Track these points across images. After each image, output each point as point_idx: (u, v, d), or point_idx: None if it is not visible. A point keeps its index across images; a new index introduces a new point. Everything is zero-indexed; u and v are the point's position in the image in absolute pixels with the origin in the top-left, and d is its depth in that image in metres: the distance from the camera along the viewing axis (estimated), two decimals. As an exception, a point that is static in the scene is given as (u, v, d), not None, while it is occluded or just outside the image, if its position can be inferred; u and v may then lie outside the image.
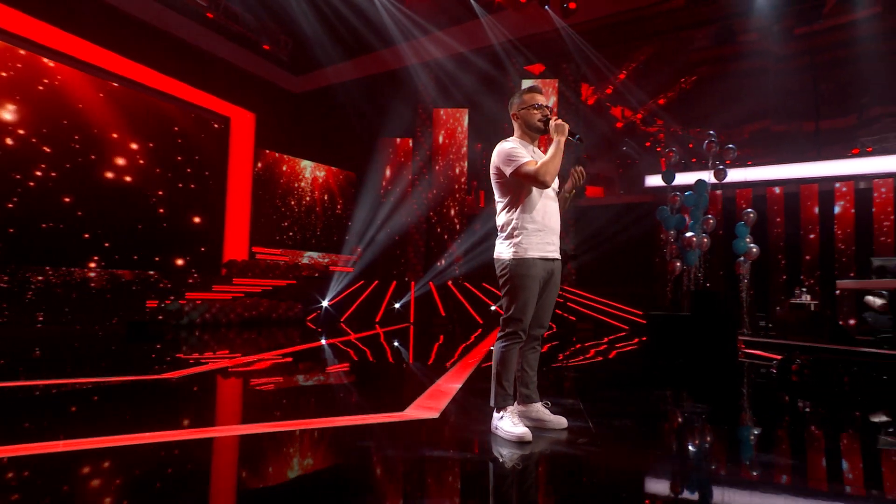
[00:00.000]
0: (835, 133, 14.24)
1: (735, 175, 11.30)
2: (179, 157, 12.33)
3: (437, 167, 14.62)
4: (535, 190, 2.77)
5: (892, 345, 6.89)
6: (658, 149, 18.54)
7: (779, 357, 6.86)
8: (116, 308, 10.12)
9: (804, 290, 9.38)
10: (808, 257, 11.37)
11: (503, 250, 2.77)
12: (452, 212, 14.50)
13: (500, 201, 2.84)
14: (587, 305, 12.52)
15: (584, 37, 13.60)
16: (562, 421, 2.94)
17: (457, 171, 14.57)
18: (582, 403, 3.72)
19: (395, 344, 8.20)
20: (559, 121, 2.78)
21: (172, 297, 10.55)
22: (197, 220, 12.69)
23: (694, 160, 15.25)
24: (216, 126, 13.26)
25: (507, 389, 2.75)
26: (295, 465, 2.48)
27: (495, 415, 2.79)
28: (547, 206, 2.81)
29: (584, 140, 2.84)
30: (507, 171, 2.72)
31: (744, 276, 9.54)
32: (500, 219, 2.83)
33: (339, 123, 15.39)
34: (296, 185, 14.93)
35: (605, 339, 9.57)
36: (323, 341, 8.31)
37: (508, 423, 2.69)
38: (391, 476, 2.34)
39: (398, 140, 15.09)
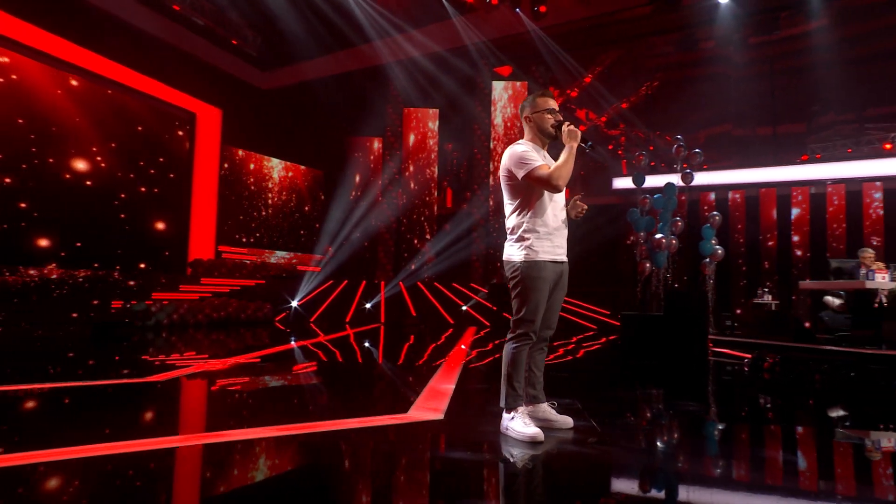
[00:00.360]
0: (791, 138, 14.86)
1: (699, 179, 11.64)
2: (143, 154, 11.97)
3: (407, 167, 14.60)
4: (545, 193, 2.81)
5: (850, 342, 7.24)
6: (620, 152, 18.94)
7: (746, 355, 7.14)
8: (80, 309, 9.74)
9: (766, 290, 9.76)
10: (766, 261, 11.83)
11: (514, 252, 2.80)
12: (423, 212, 14.50)
13: (510, 204, 2.87)
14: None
15: (555, 40, 13.79)
16: (568, 421, 3.00)
17: (427, 171, 14.58)
18: (580, 403, 3.79)
19: (368, 345, 8.16)
20: (571, 126, 2.83)
21: (138, 299, 10.22)
22: (161, 218, 12.33)
23: (653, 164, 15.63)
24: (182, 122, 12.91)
25: (517, 390, 2.79)
26: (321, 467, 2.46)
27: (505, 415, 2.82)
28: (556, 210, 2.86)
29: (595, 147, 2.90)
30: (520, 173, 2.75)
31: (709, 276, 9.86)
32: (511, 221, 2.86)
33: (308, 121, 15.20)
34: (263, 183, 14.66)
35: (574, 339, 9.76)
36: (293, 342, 8.21)
37: (520, 424, 2.73)
38: (419, 477, 2.35)
39: (368, 139, 15.01)
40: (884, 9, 12.61)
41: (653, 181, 11.54)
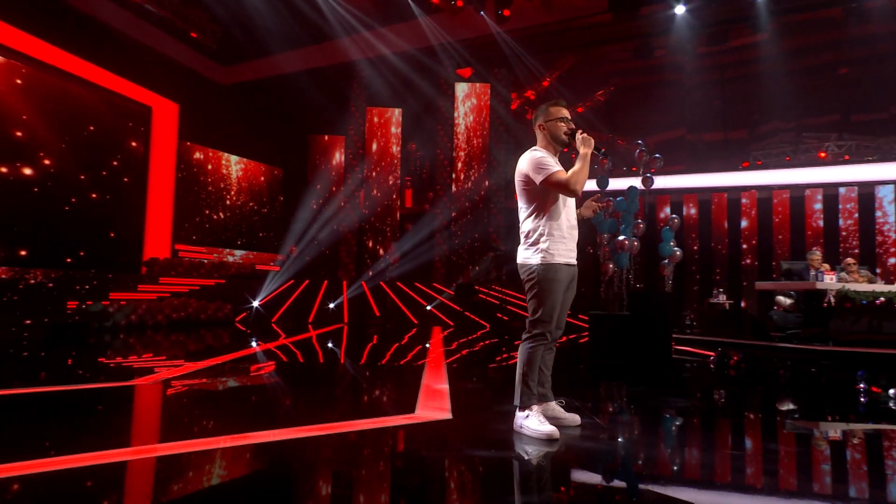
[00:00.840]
0: (738, 144, 15.66)
1: (658, 182, 12.06)
2: (97, 149, 11.48)
3: (370, 167, 14.54)
4: (560, 198, 2.92)
5: (801, 340, 7.71)
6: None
7: (707, 353, 7.50)
8: (34, 311, 9.26)
9: (721, 290, 10.25)
10: (719, 263, 12.39)
11: (530, 256, 2.89)
12: (385, 213, 14.48)
13: (525, 208, 2.96)
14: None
15: (518, 43, 14.01)
16: (576, 418, 3.12)
17: (390, 171, 14.56)
18: (577, 400, 3.93)
19: (342, 346, 8.13)
20: (585, 134, 2.94)
21: (94, 299, 9.81)
22: (116, 215, 11.87)
23: (612, 167, 16.03)
24: (137, 116, 12.45)
25: (532, 389, 2.88)
26: (355, 466, 2.48)
27: (519, 413, 2.91)
28: (570, 215, 2.97)
29: (609, 154, 3.01)
30: (538, 178, 2.84)
31: (668, 277, 10.26)
32: (526, 225, 2.95)
33: (269, 118, 14.90)
34: (221, 181, 14.31)
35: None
36: (260, 344, 8.09)
37: (535, 422, 2.82)
38: (448, 475, 2.41)
39: (330, 138, 14.86)
40: (821, 25, 13.44)
41: (612, 184, 11.93)
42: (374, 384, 4.89)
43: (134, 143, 12.36)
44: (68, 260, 10.75)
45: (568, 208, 2.97)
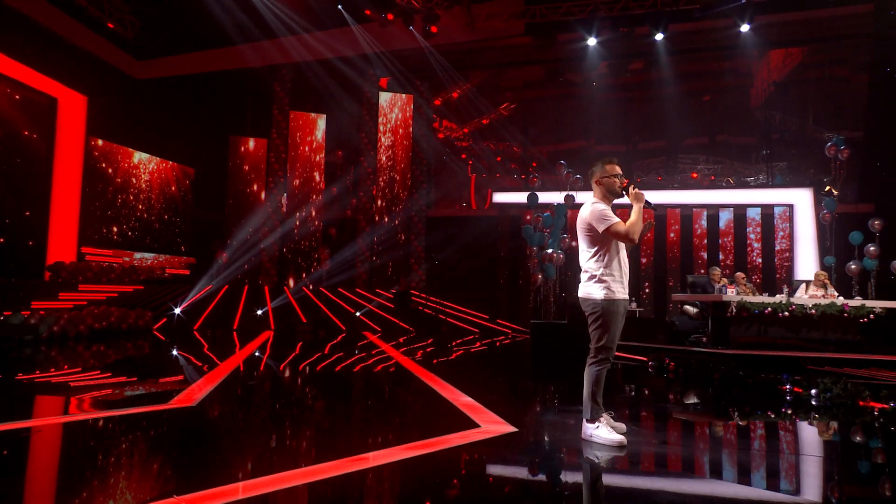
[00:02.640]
0: (632, 155, 17.57)
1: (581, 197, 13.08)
2: (-5, 141, 10.47)
3: (292, 170, 14.41)
4: (617, 243, 3.47)
5: (706, 345, 8.98)
6: (471, 161, 20.36)
7: (637, 357, 8.52)
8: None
9: (634, 300, 11.49)
10: (644, 273, 13.75)
11: (594, 291, 3.40)
12: (308, 217, 14.42)
13: (588, 251, 3.47)
14: (446, 312, 13.51)
15: (444, 58, 14.58)
16: (622, 426, 3.66)
17: (314, 176, 14.53)
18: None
19: (310, 355, 8.21)
20: (637, 190, 3.51)
21: (5, 308, 8.97)
22: (15, 216, 10.85)
23: (535, 180, 17.18)
24: (40, 108, 11.44)
25: (599, 404, 3.40)
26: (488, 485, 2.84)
27: (589, 425, 3.41)
28: (623, 257, 3.52)
29: (654, 207, 3.58)
30: (601, 227, 3.37)
31: (587, 286, 11.33)
32: (589, 266, 3.45)
33: (185, 116, 14.22)
34: (132, 179, 13.46)
35: (455, 342, 10.66)
36: (223, 361, 7.97)
37: (605, 432, 3.35)
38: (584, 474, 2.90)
39: (252, 140, 14.52)
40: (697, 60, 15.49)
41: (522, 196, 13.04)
42: (394, 398, 5.20)
43: (36, 137, 11.36)
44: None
45: (622, 252, 3.53)
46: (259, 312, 12.58)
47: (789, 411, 4.77)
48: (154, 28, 11.95)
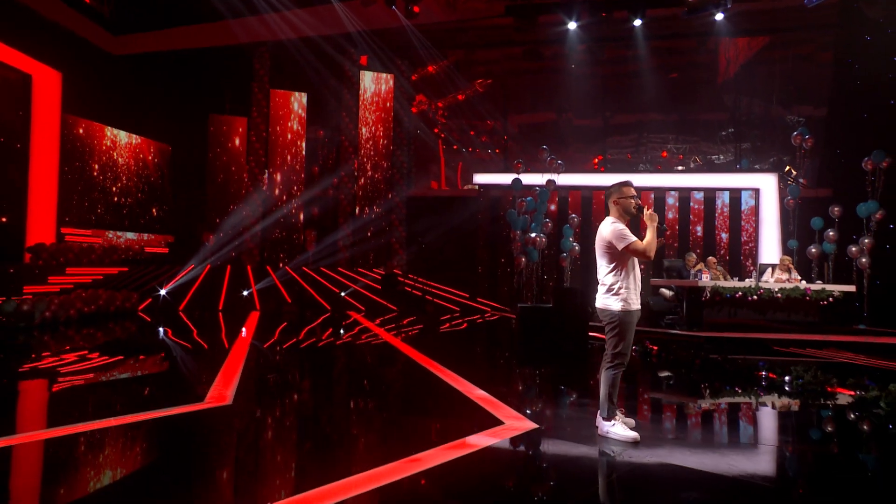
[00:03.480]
0: (607, 131, 18.27)
1: (562, 179, 13.41)
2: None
3: (273, 149, 14.34)
4: (633, 259, 3.82)
5: (681, 327, 9.56)
6: (442, 135, 20.58)
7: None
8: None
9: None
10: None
11: (612, 303, 3.76)
12: (289, 196, 14.43)
13: (606, 266, 3.81)
14: (429, 292, 13.84)
15: (425, 38, 14.59)
16: (632, 422, 4.05)
17: (295, 156, 14.50)
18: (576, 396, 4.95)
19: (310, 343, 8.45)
20: (651, 211, 3.85)
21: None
22: (-8, 196, 10.64)
23: (519, 165, 17.45)
24: (14, 85, 11.10)
25: (615, 404, 3.79)
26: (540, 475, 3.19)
27: (605, 423, 3.79)
28: (637, 273, 3.88)
29: (667, 228, 3.93)
30: (620, 245, 3.71)
31: (567, 268, 11.80)
32: (608, 279, 3.79)
33: (164, 94, 13.91)
34: (108, 157, 13.19)
35: (442, 321, 11.05)
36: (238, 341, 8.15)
37: (621, 429, 3.74)
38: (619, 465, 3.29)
39: (233, 119, 14.35)
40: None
41: (506, 178, 13.36)
42: (413, 394, 5.53)
43: (11, 115, 11.05)
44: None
45: (636, 267, 3.89)
46: (245, 293, 12.69)
47: (767, 396, 5.30)
48: (131, 3, 11.63)
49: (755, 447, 3.97)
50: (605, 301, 3.84)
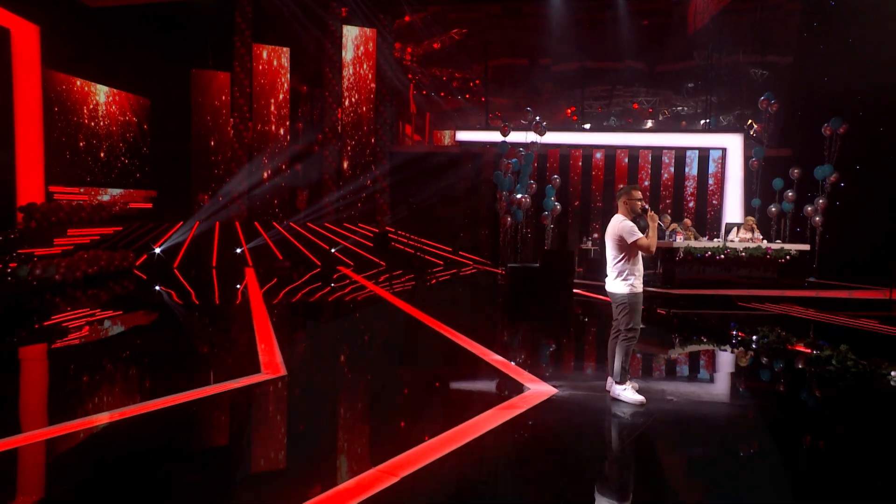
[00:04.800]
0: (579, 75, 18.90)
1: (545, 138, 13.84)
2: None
3: (258, 105, 14.34)
4: (638, 252, 4.49)
5: (656, 284, 10.46)
6: (413, 81, 20.73)
7: (598, 296, 9.85)
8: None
9: (589, 238, 12.82)
10: (595, 214, 14.99)
11: (621, 287, 4.44)
12: (274, 151, 14.55)
13: (615, 256, 4.47)
14: (414, 246, 14.40)
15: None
16: (636, 386, 4.79)
17: (279, 111, 14.54)
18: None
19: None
20: (652, 212, 4.52)
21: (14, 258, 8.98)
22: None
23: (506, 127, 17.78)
24: (-10, 38, 10.82)
25: (628, 371, 4.53)
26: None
27: (618, 387, 4.50)
28: (640, 260, 4.56)
29: (665, 227, 4.57)
30: (629, 239, 4.36)
31: (549, 226, 12.50)
32: (617, 267, 4.46)
33: (144, 47, 13.54)
34: (89, 112, 13.00)
35: (431, 274, 11.76)
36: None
37: (631, 393, 4.48)
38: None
39: (215, 73, 14.20)
40: None
41: (489, 135, 13.86)
42: (435, 357, 6.19)
43: (-8, 72, 10.82)
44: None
45: (640, 255, 4.57)
46: (237, 251, 13.02)
47: (738, 351, 6.19)
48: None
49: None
50: (615, 286, 4.52)
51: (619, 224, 4.49)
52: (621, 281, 4.49)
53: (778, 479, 3.27)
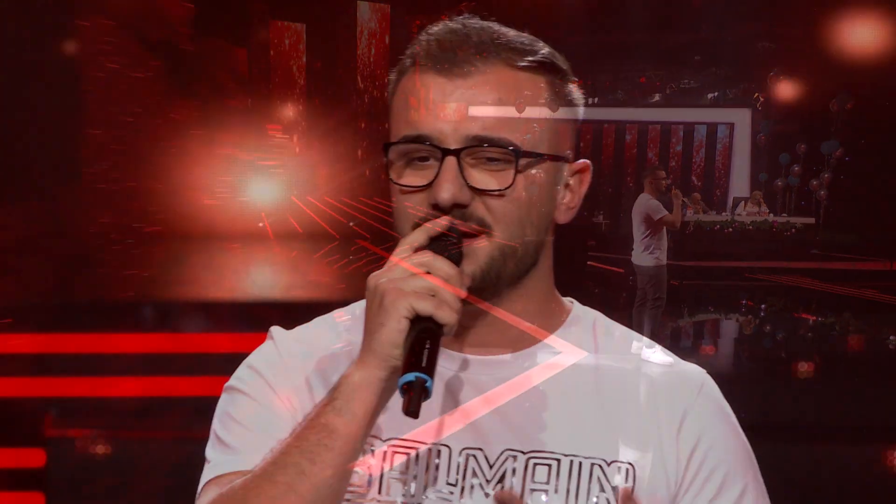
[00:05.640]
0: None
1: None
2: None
3: (276, 82, 14.57)
4: (663, 227, 4.92)
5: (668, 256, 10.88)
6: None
7: (612, 268, 10.28)
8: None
9: (600, 212, 13.22)
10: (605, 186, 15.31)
11: (647, 260, 4.90)
12: (291, 127, 14.83)
13: (642, 231, 4.92)
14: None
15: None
16: None
17: (296, 87, 14.77)
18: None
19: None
20: (676, 191, 4.95)
21: None
22: None
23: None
24: None
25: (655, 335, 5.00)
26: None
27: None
28: (665, 235, 5.00)
29: (688, 204, 4.99)
30: (656, 217, 4.81)
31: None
32: (644, 241, 4.91)
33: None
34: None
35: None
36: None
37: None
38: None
39: (231, 48, 14.38)
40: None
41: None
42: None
43: None
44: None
45: (664, 231, 5.00)
46: (260, 224, 13.37)
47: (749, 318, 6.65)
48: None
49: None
50: (641, 258, 4.97)
51: (646, 202, 4.91)
52: (648, 254, 4.94)
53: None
